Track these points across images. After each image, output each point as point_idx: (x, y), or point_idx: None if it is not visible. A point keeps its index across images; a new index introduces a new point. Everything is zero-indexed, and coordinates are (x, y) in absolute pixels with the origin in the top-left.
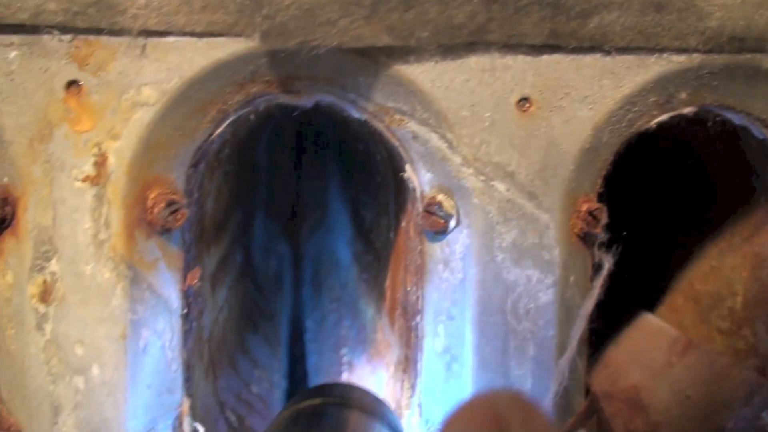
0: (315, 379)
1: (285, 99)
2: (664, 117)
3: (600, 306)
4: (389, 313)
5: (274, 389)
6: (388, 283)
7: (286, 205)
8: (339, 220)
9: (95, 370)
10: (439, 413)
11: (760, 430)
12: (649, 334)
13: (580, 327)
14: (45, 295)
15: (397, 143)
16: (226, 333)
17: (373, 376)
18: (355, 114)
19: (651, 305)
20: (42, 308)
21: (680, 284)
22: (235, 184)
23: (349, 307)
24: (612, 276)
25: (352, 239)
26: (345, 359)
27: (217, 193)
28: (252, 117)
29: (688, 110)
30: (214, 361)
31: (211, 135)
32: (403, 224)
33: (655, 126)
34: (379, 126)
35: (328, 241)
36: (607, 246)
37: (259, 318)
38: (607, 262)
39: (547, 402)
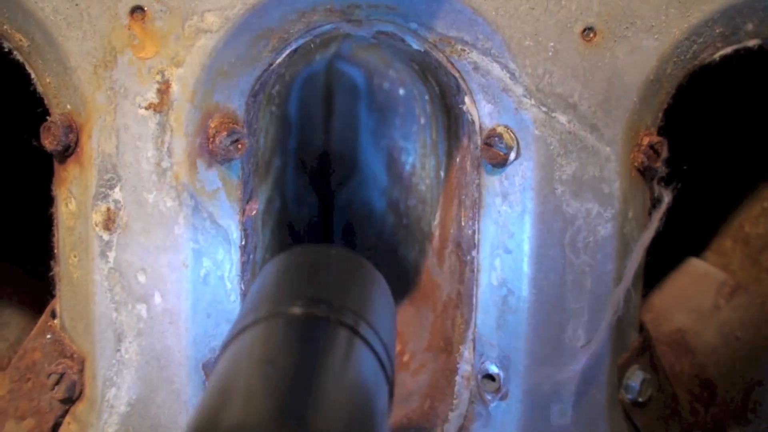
0: None
1: (346, 28)
2: (728, 50)
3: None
4: (437, 253)
5: None
6: (436, 222)
7: (314, 158)
8: (371, 171)
9: (157, 298)
10: (495, 347)
11: None
12: (695, 278)
13: (636, 259)
14: (108, 223)
15: (456, 75)
16: None
17: (418, 318)
18: (415, 45)
19: (699, 250)
20: (106, 236)
21: (729, 227)
22: (277, 129)
23: (385, 254)
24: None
25: (388, 188)
26: None
27: (267, 132)
28: (313, 47)
29: (753, 43)
30: None
31: (271, 64)
32: (458, 160)
33: (718, 59)
34: (439, 57)
35: (361, 193)
36: (667, 181)
37: None
38: (667, 197)
39: (602, 334)
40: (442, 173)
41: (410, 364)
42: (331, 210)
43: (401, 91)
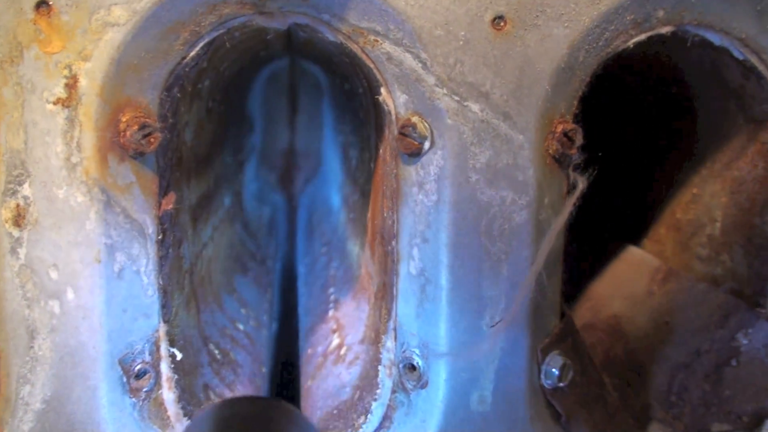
0: (304, 320)
1: (259, 21)
2: (641, 37)
3: (586, 241)
4: (371, 244)
5: (262, 328)
6: (369, 214)
7: (280, 156)
8: (332, 167)
9: (70, 294)
10: (415, 336)
11: (734, 350)
12: (632, 265)
13: (548, 243)
14: (18, 219)
15: (372, 65)
16: (212, 271)
17: (357, 311)
18: (330, 36)
19: (637, 237)
20: (16, 232)
21: (663, 214)
22: (221, 126)
23: (337, 249)
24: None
25: (342, 183)
26: (332, 297)
27: (198, 127)
28: (226, 42)
29: (665, 30)
30: (196, 294)
31: (184, 58)
32: (381, 151)
33: (632, 46)
34: (354, 48)
35: (322, 190)
36: (583, 168)
37: (250, 261)
38: (581, 183)
39: (516, 315)
40: (372, 165)
41: (346, 357)
42: (296, 208)
43: (346, 86)
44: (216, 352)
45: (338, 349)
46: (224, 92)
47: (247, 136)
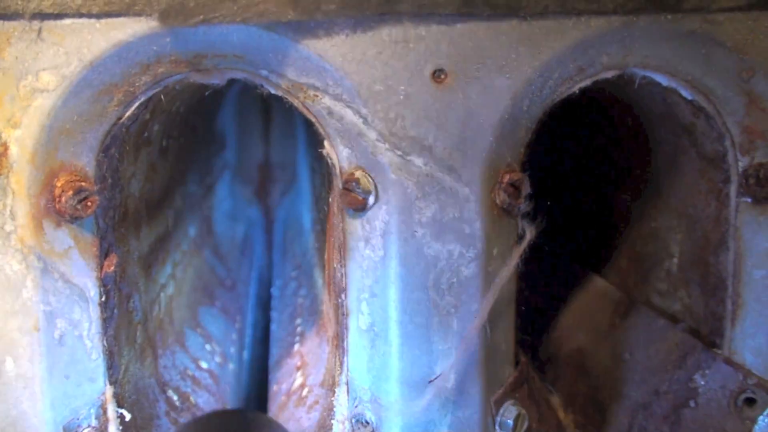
0: (273, 351)
1: (196, 77)
2: (586, 82)
3: (553, 270)
4: (328, 288)
5: (227, 362)
6: (326, 256)
7: (256, 168)
8: (305, 183)
9: (9, 364)
10: (367, 390)
11: (692, 391)
12: (596, 296)
13: (492, 295)
14: None
15: (313, 119)
16: (173, 309)
17: (319, 349)
18: (270, 89)
19: (601, 268)
20: None
21: (624, 246)
22: (180, 158)
23: (306, 275)
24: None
25: (311, 206)
26: (299, 330)
27: (150, 172)
28: (163, 98)
29: (611, 74)
30: (153, 341)
31: (120, 118)
32: (330, 200)
33: (578, 91)
34: (295, 102)
35: (296, 205)
36: (532, 216)
37: (218, 288)
38: (530, 233)
39: (470, 371)
40: (325, 208)
41: (307, 400)
42: (273, 222)
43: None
44: (175, 398)
45: (300, 389)
46: (183, 125)
47: (218, 154)
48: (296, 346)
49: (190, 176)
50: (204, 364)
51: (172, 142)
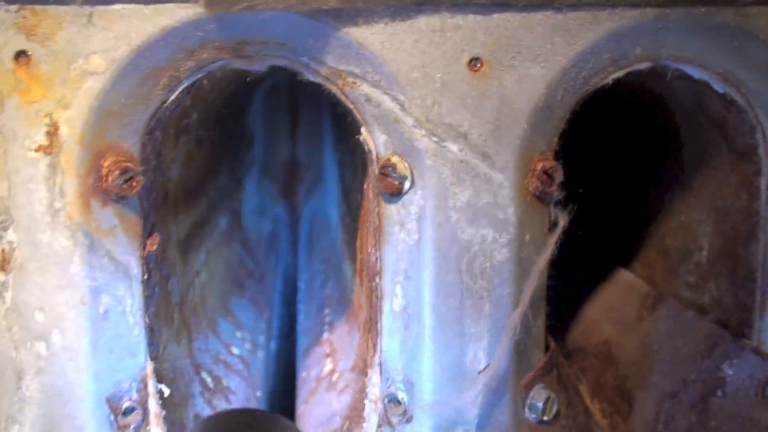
0: (301, 340)
1: (238, 64)
2: (620, 73)
3: (580, 264)
4: (359, 275)
5: (258, 350)
6: (358, 244)
7: (282, 167)
8: (331, 181)
9: (56, 336)
10: (400, 371)
11: (719, 381)
12: (623, 289)
13: (532, 283)
14: (3, 264)
15: (351, 106)
16: (206, 296)
17: (349, 336)
18: (309, 77)
19: (628, 261)
20: (1, 277)
21: (653, 239)
22: (214, 150)
23: (334, 268)
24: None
25: (339, 201)
26: (327, 319)
27: (187, 159)
28: (206, 83)
29: (644, 66)
30: (188, 323)
31: (164, 102)
32: (365, 186)
33: (611, 82)
34: (333, 89)
35: (323, 202)
36: (564, 204)
37: (247, 280)
38: (563, 220)
39: (500, 359)
40: (359, 196)
41: (337, 384)
42: (298, 219)
43: (338, 110)
44: (208, 380)
45: (330, 374)
46: (217, 118)
47: (247, 150)
48: (325, 335)
49: (221, 169)
50: (235, 350)
51: (207, 133)
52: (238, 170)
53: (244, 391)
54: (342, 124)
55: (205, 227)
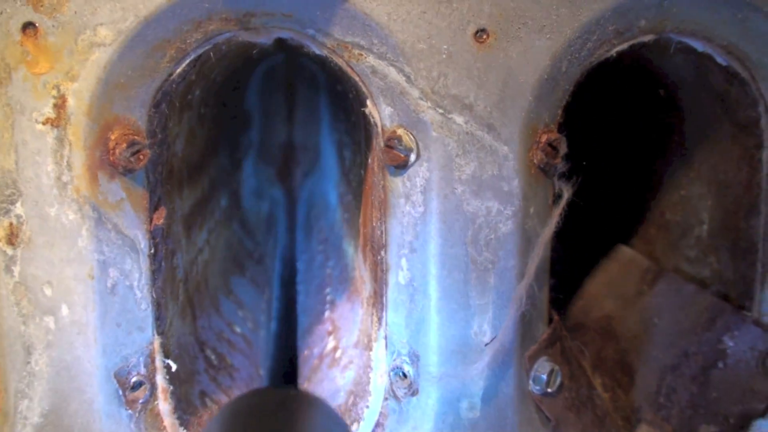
0: (302, 319)
1: (244, 36)
2: (624, 46)
3: (580, 240)
4: (363, 250)
5: (259, 329)
6: (361, 220)
7: (279, 150)
8: (329, 162)
9: (64, 310)
10: (405, 344)
11: (720, 353)
12: (623, 265)
13: (537, 255)
14: (11, 238)
15: (357, 78)
16: (208, 275)
17: (351, 313)
18: (315, 50)
19: (629, 237)
20: (9, 251)
21: (653, 214)
22: (214, 129)
23: (334, 247)
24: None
25: (338, 181)
26: (328, 298)
27: (190, 136)
28: (212, 56)
29: (648, 38)
30: (192, 301)
31: (171, 75)
32: (369, 160)
33: (615, 55)
34: (339, 61)
35: (321, 184)
36: (568, 176)
37: (247, 260)
38: (567, 193)
39: (507, 330)
40: (362, 171)
41: (341, 360)
42: (295, 202)
43: (339, 87)
44: (213, 357)
45: (333, 351)
46: (217, 96)
47: (244, 132)
48: (327, 313)
49: (221, 149)
50: (237, 329)
51: (208, 111)
52: (236, 151)
53: (247, 369)
54: (341, 103)
55: (207, 205)
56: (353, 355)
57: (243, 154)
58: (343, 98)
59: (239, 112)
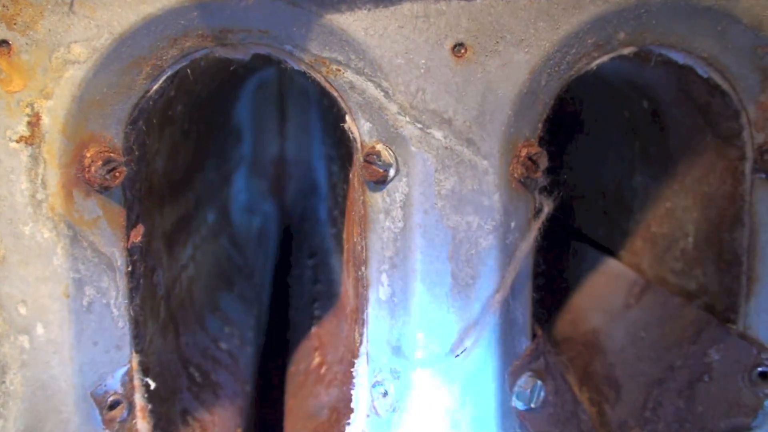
0: (290, 335)
1: (221, 52)
2: (604, 58)
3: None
4: (346, 265)
5: (246, 345)
6: (345, 235)
7: (271, 164)
8: (319, 177)
9: (40, 329)
10: (386, 361)
11: (706, 366)
12: (610, 278)
13: (514, 268)
14: None
15: (335, 94)
16: (194, 291)
17: (337, 329)
18: (293, 65)
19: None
20: None
21: (639, 227)
22: (201, 144)
23: (323, 263)
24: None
25: (326, 195)
26: (316, 313)
27: (172, 152)
28: (191, 73)
29: (628, 51)
30: (175, 318)
31: (147, 92)
32: (351, 175)
33: (595, 67)
34: (317, 77)
35: (312, 199)
36: (549, 190)
37: (236, 276)
38: (547, 207)
39: (490, 343)
40: (345, 187)
41: (325, 377)
42: (287, 217)
43: (326, 101)
44: (196, 374)
45: (319, 368)
46: (203, 111)
47: (235, 147)
48: (314, 329)
49: (208, 164)
50: (223, 345)
51: (193, 126)
52: (225, 166)
53: (232, 386)
54: (328, 117)
55: (192, 222)
56: (338, 372)
57: (233, 169)
58: (329, 112)
59: (229, 126)
